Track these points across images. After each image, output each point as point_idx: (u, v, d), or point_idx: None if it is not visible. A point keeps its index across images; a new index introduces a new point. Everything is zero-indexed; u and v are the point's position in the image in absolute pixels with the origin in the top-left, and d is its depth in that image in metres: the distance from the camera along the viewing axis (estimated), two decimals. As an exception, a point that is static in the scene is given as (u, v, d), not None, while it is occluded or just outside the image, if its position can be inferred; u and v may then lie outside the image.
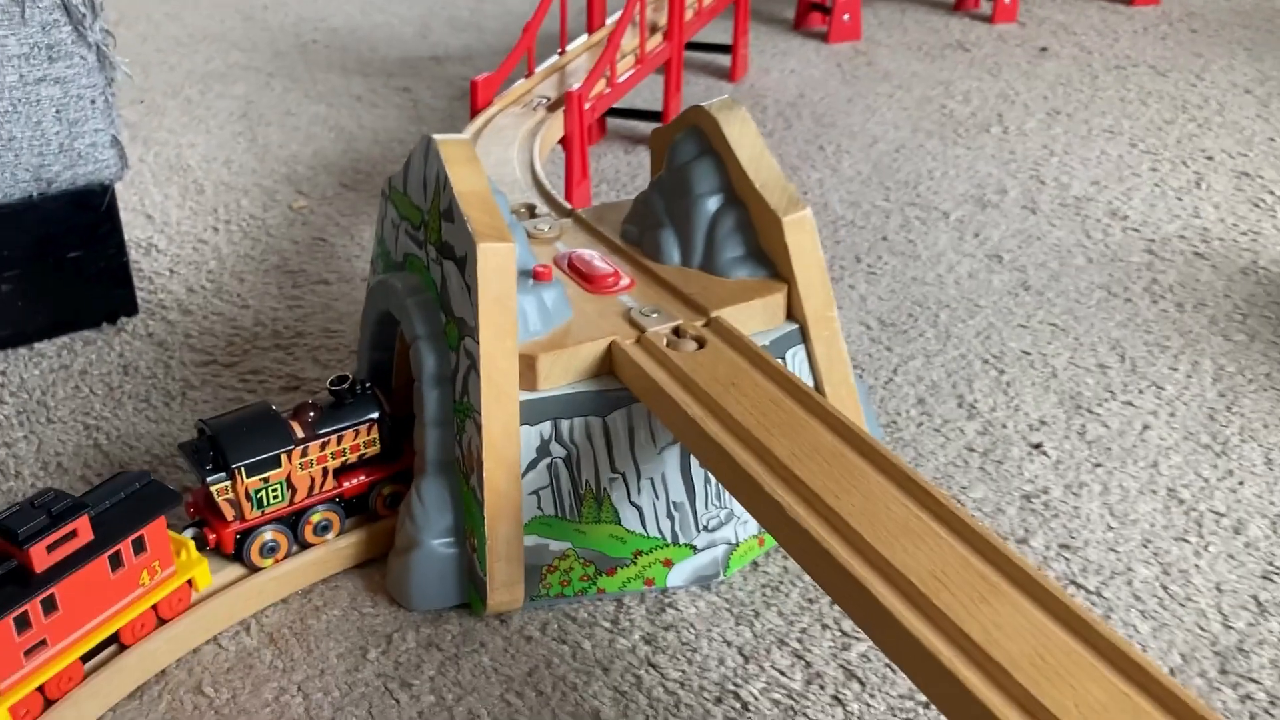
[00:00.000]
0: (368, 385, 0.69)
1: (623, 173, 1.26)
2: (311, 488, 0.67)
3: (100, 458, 0.78)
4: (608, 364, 0.66)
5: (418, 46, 1.68)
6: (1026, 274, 1.05)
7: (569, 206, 0.84)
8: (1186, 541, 0.72)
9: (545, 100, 1.09)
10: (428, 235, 0.68)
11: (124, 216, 1.10)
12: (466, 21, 1.80)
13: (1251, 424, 0.83)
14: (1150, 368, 0.90)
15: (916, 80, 1.56)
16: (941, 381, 0.89)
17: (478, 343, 0.62)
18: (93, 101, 0.86)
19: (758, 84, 1.55)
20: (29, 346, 0.91)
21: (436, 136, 0.66)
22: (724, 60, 1.59)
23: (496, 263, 0.62)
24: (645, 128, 1.37)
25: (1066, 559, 0.71)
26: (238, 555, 0.66)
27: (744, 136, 0.72)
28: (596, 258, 0.73)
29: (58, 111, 0.85)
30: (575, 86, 1.04)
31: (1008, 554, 0.48)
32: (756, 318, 0.69)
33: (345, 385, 0.68)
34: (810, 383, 0.71)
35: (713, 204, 0.72)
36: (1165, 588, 0.68)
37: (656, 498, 0.66)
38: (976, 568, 0.48)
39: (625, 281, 0.72)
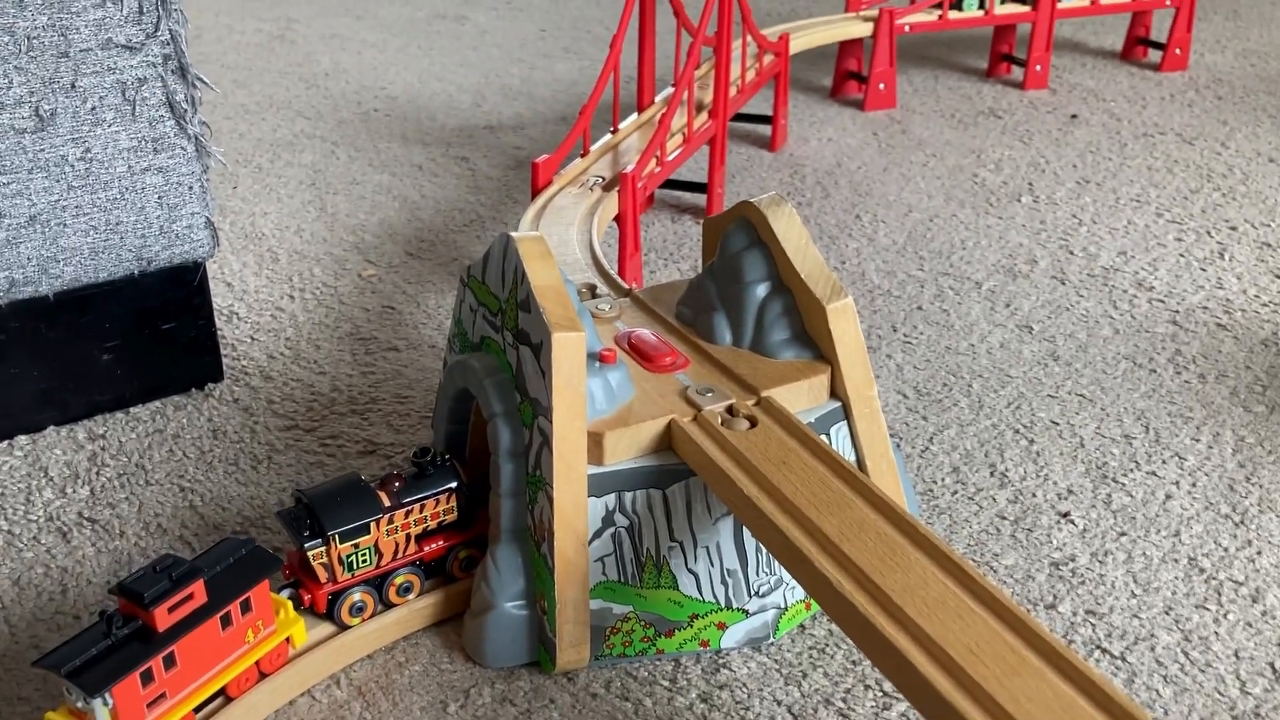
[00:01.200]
0: (447, 457, 0.75)
1: (670, 241, 1.33)
2: (396, 552, 0.73)
3: (196, 519, 0.85)
4: (667, 440, 0.72)
5: (473, 115, 1.76)
6: (1056, 344, 1.11)
7: (626, 286, 0.91)
8: (1206, 609, 0.77)
9: (601, 180, 1.16)
10: (504, 322, 0.74)
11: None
12: (518, 90, 1.89)
13: (1270, 495, 0.88)
14: (1173, 438, 0.95)
15: (950, 149, 1.63)
16: (975, 450, 0.94)
17: (551, 422, 0.68)
18: (190, 188, 0.94)
19: (796, 153, 1.62)
20: (125, 411, 0.99)
21: (514, 235, 0.73)
22: (764, 130, 1.66)
23: (569, 350, 0.68)
24: (690, 198, 1.44)
25: (1092, 624, 0.76)
26: (329, 614, 0.72)
27: (790, 230, 0.78)
28: (654, 338, 0.80)
29: (159, 198, 0.93)
30: (629, 168, 1.12)
31: (1035, 628, 0.54)
32: (803, 397, 0.75)
33: (427, 458, 0.75)
34: (852, 457, 0.77)
35: (761, 291, 0.79)
36: (1186, 654, 0.73)
37: (711, 565, 0.72)
38: (1007, 641, 0.54)
39: (680, 361, 0.78)
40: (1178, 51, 1.97)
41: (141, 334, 0.98)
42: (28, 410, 0.95)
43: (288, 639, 0.70)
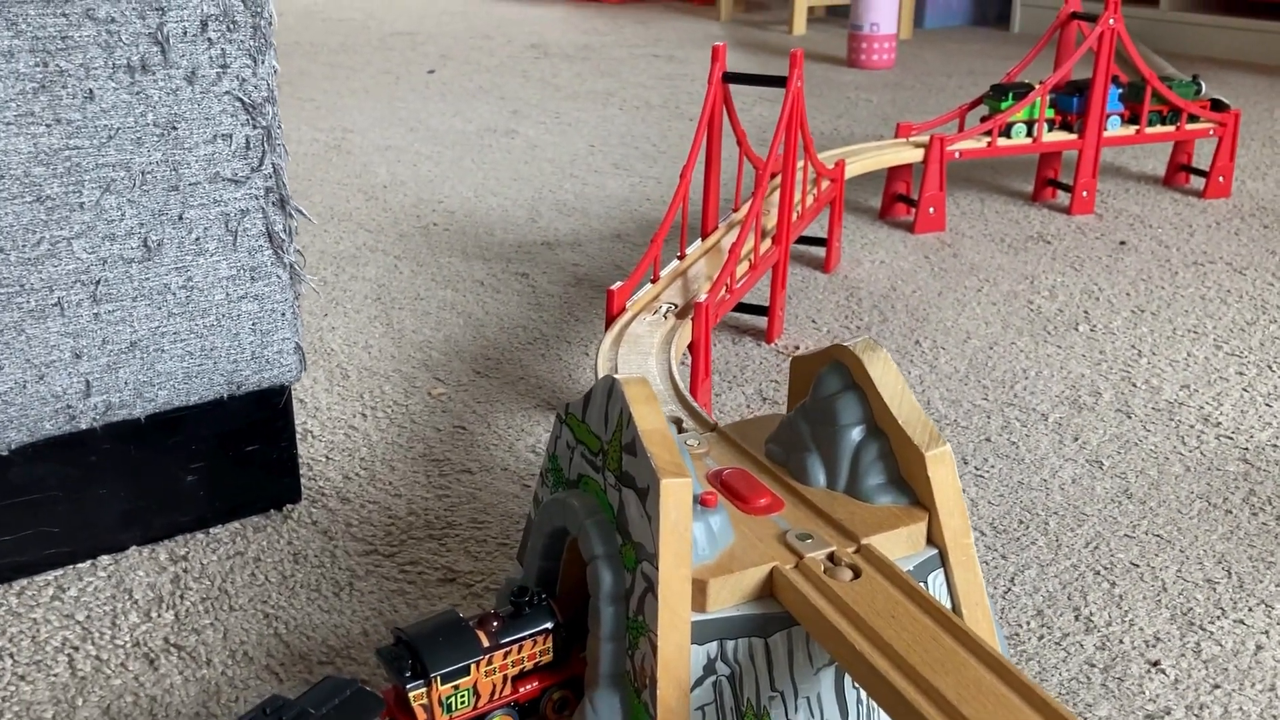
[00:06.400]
0: (544, 596, 0.76)
1: (732, 364, 1.35)
2: (493, 693, 0.73)
3: (282, 647, 0.85)
4: (769, 587, 0.72)
5: (529, 230, 1.80)
6: (1128, 481, 1.10)
7: (711, 420, 0.92)
8: (1312, 771, 0.75)
9: (673, 307, 1.18)
10: (606, 463, 0.75)
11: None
12: (572, 206, 1.93)
13: (1364, 649, 0.86)
14: (1258, 584, 0.95)
15: (1002, 274, 1.65)
16: (1057, 593, 0.94)
17: (657, 568, 0.69)
18: (283, 314, 0.96)
19: (851, 275, 1.64)
20: (206, 531, 0.99)
21: (618, 377, 0.75)
22: (818, 251, 1.68)
23: (677, 497, 0.69)
24: (751, 320, 1.46)
25: (1196, 784, 0.74)
26: (426, 756, 0.72)
27: (886, 375, 0.79)
28: (748, 477, 0.80)
29: (254, 324, 0.95)
30: (702, 297, 1.13)
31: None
32: (901, 544, 0.75)
33: (526, 598, 0.75)
34: (948, 605, 0.77)
35: (857, 434, 0.80)
36: (1296, 819, 0.72)
37: (812, 716, 0.72)
38: (1143, 818, 0.53)
39: (775, 503, 0.78)
40: (1221, 179, 2.00)
41: (226, 455, 0.99)
42: (111, 530, 0.95)
43: (385, 783, 0.69)
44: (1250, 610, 0.91)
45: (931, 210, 1.81)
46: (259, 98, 0.90)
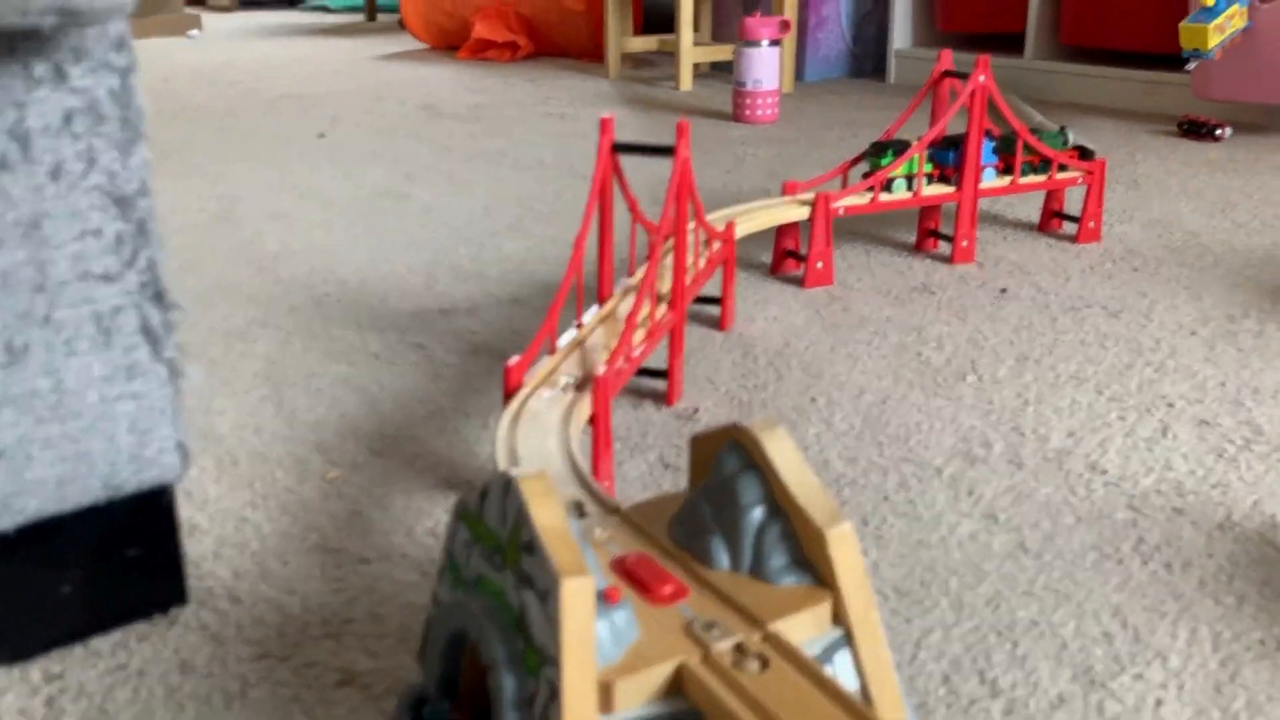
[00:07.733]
0: (444, 707, 0.73)
1: (634, 430, 1.34)
2: (396, 810, 0.70)
3: (170, 769, 0.81)
4: (677, 684, 0.71)
5: (425, 298, 1.77)
6: (1023, 534, 1.13)
7: (614, 502, 0.91)
8: (1213, 827, 0.77)
9: (572, 380, 1.17)
10: (505, 561, 0.73)
11: (165, 497, 1.14)
12: (469, 271, 1.91)
13: (1256, 697, 0.89)
14: (1152, 636, 0.97)
15: (891, 326, 1.68)
16: (962, 656, 0.94)
17: (560, 672, 0.67)
18: (163, 411, 0.92)
19: (745, 332, 1.65)
20: (84, 645, 0.94)
21: (515, 473, 0.73)
22: (713, 310, 1.69)
23: (578, 599, 0.67)
24: (649, 384, 1.45)
25: None
26: None
27: (784, 454, 0.79)
28: (652, 564, 0.79)
29: (131, 424, 0.91)
30: (600, 370, 1.13)
31: None
32: (807, 627, 0.75)
33: (424, 709, 0.72)
34: (856, 683, 0.76)
35: (758, 515, 0.79)
36: None
37: (726, 811, 0.70)
38: None
39: (680, 589, 0.77)
40: (1091, 225, 2.08)
41: (105, 562, 0.94)
42: (-20, 650, 0.90)
43: None
44: (1148, 664, 0.93)
45: (820, 265, 1.84)
46: (130, 190, 0.87)
